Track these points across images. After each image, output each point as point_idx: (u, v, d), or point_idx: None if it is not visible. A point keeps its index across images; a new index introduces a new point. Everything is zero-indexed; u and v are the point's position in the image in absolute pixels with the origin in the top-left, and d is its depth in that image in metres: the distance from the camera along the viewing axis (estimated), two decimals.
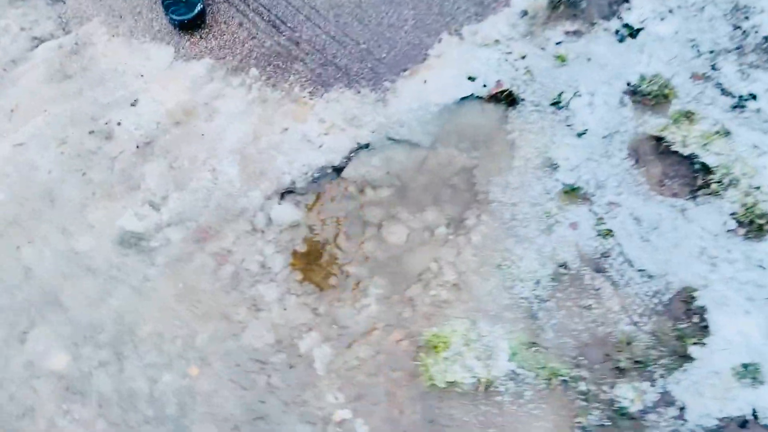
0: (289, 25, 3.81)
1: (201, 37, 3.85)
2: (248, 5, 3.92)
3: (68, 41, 3.95)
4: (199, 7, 3.77)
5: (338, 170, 3.28)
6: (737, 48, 3.50)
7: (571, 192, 3.06)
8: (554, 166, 3.13)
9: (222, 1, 3.91)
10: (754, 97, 3.28)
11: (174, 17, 3.74)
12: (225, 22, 3.87)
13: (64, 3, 4.24)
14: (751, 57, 3.46)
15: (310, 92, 3.54)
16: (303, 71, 3.62)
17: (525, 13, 3.75)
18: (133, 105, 3.57)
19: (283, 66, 3.66)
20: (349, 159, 3.30)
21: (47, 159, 3.40)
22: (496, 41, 3.63)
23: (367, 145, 3.34)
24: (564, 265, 2.89)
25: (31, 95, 3.70)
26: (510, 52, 3.59)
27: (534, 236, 2.98)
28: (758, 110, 3.25)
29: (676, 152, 3.14)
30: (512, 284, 2.86)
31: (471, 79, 3.51)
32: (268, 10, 3.88)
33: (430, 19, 3.74)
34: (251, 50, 3.73)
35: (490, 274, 2.90)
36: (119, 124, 3.49)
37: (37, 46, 4.01)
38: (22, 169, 3.37)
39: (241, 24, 3.84)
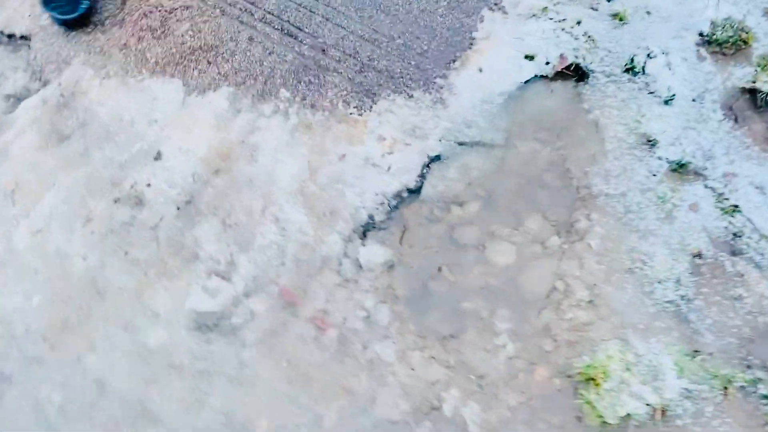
0: (307, 30, 3.33)
1: (209, 62, 3.33)
2: (252, 14, 3.40)
3: (52, 94, 3.38)
4: (84, 4, 3.33)
5: (415, 192, 2.91)
6: None
7: (680, 169, 2.78)
8: (652, 143, 2.84)
9: (220, 15, 3.38)
10: None
11: (56, 15, 3.33)
12: (232, 39, 3.35)
13: (30, 47, 3.61)
14: None
15: (356, 107, 3.12)
16: (340, 83, 3.18)
17: None
18: (157, 159, 3.08)
19: (316, 80, 3.20)
20: (423, 177, 2.93)
21: (77, 243, 2.91)
22: (544, 9, 3.25)
23: (438, 157, 2.97)
24: (699, 255, 2.64)
25: (29, 168, 3.16)
26: (563, 19, 3.22)
27: (656, 227, 2.71)
28: None
29: None
30: (651, 288, 2.61)
31: (529, 58, 3.15)
32: (278, 17, 3.38)
33: (455, 2, 3.31)
34: (273, 68, 3.25)
35: (624, 282, 2.63)
36: (149, 185, 3.00)
37: (15, 107, 3.42)
38: (51, 262, 2.88)
39: (251, 39, 3.33)
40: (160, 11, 3.50)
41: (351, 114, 3.10)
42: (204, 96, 3.24)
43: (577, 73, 3.11)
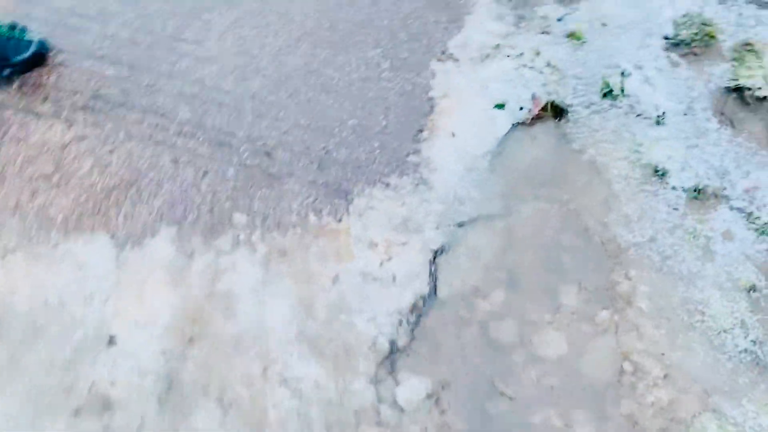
0: (240, 134, 2.80)
1: (134, 202, 2.73)
2: (166, 130, 2.83)
3: None
4: (30, 50, 2.84)
5: (431, 296, 2.51)
6: None
7: (699, 195, 2.56)
8: (661, 173, 2.60)
9: (126, 139, 2.78)
10: None
11: None
12: (152, 166, 2.78)
13: None
14: None
15: (330, 213, 2.65)
16: (301, 189, 2.69)
17: None
18: (111, 345, 2.47)
19: (271, 193, 2.70)
20: (434, 276, 2.53)
21: None
22: (496, 46, 2.91)
23: (442, 248, 2.57)
24: (753, 288, 2.43)
25: None
26: (521, 53, 2.90)
27: (698, 269, 2.47)
28: None
29: (765, 97, 2.70)
30: (720, 340, 2.37)
31: (500, 106, 2.81)
32: (199, 126, 2.82)
33: (405, 53, 2.90)
34: (214, 190, 2.71)
35: (690, 342, 2.38)
36: (112, 383, 2.40)
37: None
38: None
39: (176, 160, 2.76)
40: (48, 152, 2.83)
41: (327, 224, 2.62)
42: (141, 246, 2.64)
43: (555, 112, 2.80)
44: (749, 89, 2.75)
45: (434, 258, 2.59)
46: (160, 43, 3.03)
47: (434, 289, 2.54)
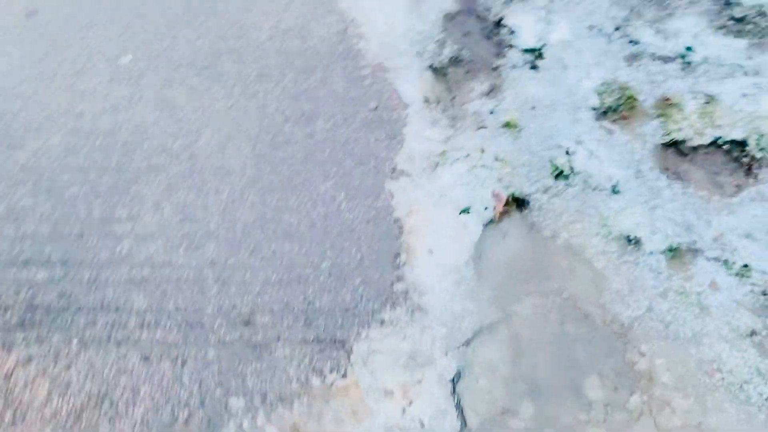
0: (210, 308, 2.58)
1: (111, 419, 2.41)
2: (124, 327, 2.55)
3: None
4: None
5: (464, 431, 2.39)
6: (633, 13, 3.32)
7: (676, 254, 2.66)
8: (634, 241, 2.68)
9: (81, 349, 2.47)
10: (689, 48, 3.15)
11: None
12: (122, 371, 2.48)
13: None
14: (648, 14, 3.31)
15: (332, 370, 2.48)
16: (292, 351, 2.51)
17: (427, 100, 3.07)
18: None
19: (262, 365, 2.49)
20: (460, 408, 2.42)
21: None
22: (442, 153, 2.92)
23: (458, 375, 2.48)
24: (753, 333, 2.53)
25: None
26: (467, 155, 2.92)
27: (700, 326, 2.54)
28: (705, 59, 3.14)
29: (698, 146, 2.89)
30: (744, 394, 2.43)
31: (465, 212, 2.80)
32: (162, 313, 2.57)
33: (356, 179, 2.85)
34: (200, 379, 2.46)
35: (719, 402, 2.41)
36: None
37: None
38: None
39: (146, 358, 2.49)
40: None
41: (333, 383, 2.44)
42: None
43: (517, 203, 2.82)
44: (683, 141, 2.91)
45: (454, 388, 2.47)
46: (90, 229, 2.75)
47: (464, 422, 2.42)
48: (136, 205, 2.77)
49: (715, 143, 2.89)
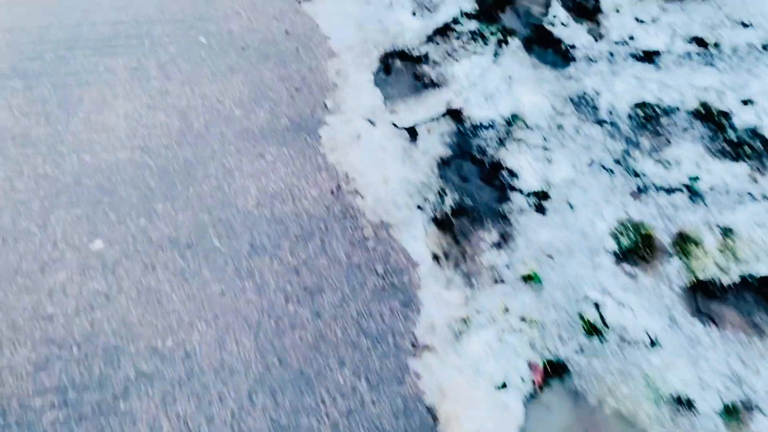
0: None
1: None
2: None
3: None
4: None
5: None
6: (630, 145, 3.26)
7: (733, 413, 2.47)
8: (686, 403, 2.47)
9: None
10: (696, 178, 3.09)
11: None
12: None
13: None
14: (646, 143, 3.26)
15: None
16: None
17: (436, 257, 2.87)
18: None
19: None
20: None
21: None
22: (465, 320, 2.68)
23: None
24: None
25: None
26: (493, 319, 2.68)
27: None
28: (711, 188, 3.08)
29: (727, 286, 2.77)
30: None
31: (502, 387, 2.54)
32: None
33: (375, 362, 2.56)
34: None
35: None
36: None
37: None
38: None
39: None
40: None
41: None
42: None
43: (556, 371, 2.58)
44: (709, 281, 2.78)
45: None
46: None
47: None
48: (128, 427, 2.37)
49: (745, 283, 2.77)
